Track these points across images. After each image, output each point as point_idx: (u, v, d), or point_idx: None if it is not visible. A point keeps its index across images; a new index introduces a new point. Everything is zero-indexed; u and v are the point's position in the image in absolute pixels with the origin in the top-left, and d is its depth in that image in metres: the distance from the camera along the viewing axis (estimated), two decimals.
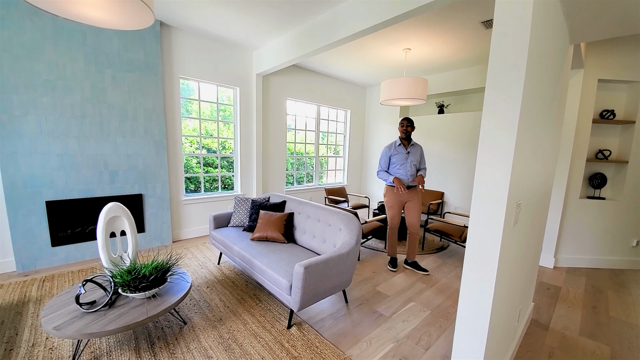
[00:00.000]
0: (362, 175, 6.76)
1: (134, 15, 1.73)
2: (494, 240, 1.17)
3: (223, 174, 4.51)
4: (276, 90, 4.80)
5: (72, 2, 1.57)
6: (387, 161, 3.15)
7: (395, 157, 3.11)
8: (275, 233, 2.59)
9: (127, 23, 1.80)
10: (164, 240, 3.70)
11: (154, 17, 1.73)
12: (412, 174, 3.12)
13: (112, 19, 1.77)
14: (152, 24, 3.33)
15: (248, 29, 3.56)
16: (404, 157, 3.10)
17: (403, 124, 3.10)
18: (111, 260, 1.92)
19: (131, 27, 1.82)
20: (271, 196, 3.22)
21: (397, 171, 3.11)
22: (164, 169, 3.58)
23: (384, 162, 3.18)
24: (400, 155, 3.11)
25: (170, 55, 3.61)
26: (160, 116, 3.50)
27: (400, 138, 3.16)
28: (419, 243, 4.05)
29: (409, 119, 3.11)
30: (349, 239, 2.16)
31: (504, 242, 1.19)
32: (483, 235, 1.21)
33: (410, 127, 3.10)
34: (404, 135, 3.10)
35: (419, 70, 4.98)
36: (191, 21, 3.39)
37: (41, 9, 1.55)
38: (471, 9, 2.91)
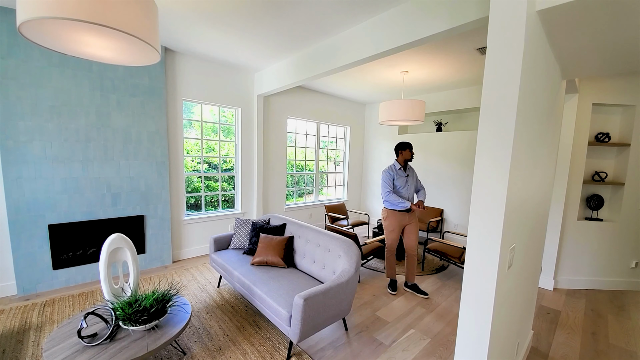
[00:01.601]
0: (361, 191, 6.80)
1: (141, 55, 1.80)
2: (489, 286, 1.19)
3: (224, 192, 4.55)
4: (277, 110, 4.90)
5: (80, 43, 1.65)
6: (391, 183, 3.17)
7: (398, 181, 3.16)
8: (275, 257, 2.61)
9: (134, 61, 1.88)
10: (164, 260, 3.72)
11: (160, 55, 1.80)
12: (412, 196, 3.18)
13: (120, 57, 1.84)
14: None
15: (250, 54, 3.66)
16: (405, 181, 3.16)
17: (411, 150, 3.20)
18: (113, 292, 1.94)
19: (138, 64, 1.90)
20: (271, 218, 3.25)
21: (400, 194, 3.15)
22: (166, 190, 3.63)
23: (388, 183, 3.18)
24: (402, 178, 3.16)
25: (174, 79, 3.70)
26: (163, 138, 3.56)
27: (399, 162, 3.21)
28: (418, 263, 4.06)
29: (412, 145, 3.20)
30: (349, 266, 2.18)
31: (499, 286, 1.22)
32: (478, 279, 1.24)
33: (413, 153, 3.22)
34: (410, 160, 3.19)
35: (416, 90, 5.08)
36: (195, 47, 3.49)
37: (51, 49, 1.62)
38: (466, 37, 3.00)
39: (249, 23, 2.82)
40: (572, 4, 1.13)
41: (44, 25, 1.43)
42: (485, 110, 1.23)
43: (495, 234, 1.17)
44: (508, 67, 1.15)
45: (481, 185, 1.24)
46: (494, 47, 1.19)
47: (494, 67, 1.19)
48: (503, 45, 1.16)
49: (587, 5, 1.14)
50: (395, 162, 3.26)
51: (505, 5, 1.15)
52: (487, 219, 1.20)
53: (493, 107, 1.20)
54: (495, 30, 1.19)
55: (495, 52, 1.18)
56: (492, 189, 1.20)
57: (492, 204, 1.19)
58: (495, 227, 1.17)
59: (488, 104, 1.21)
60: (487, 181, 1.21)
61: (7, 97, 2.68)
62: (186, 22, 2.86)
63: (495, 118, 1.19)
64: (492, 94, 1.20)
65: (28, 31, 1.42)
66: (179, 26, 2.96)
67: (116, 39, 1.65)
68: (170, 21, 2.84)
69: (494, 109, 1.19)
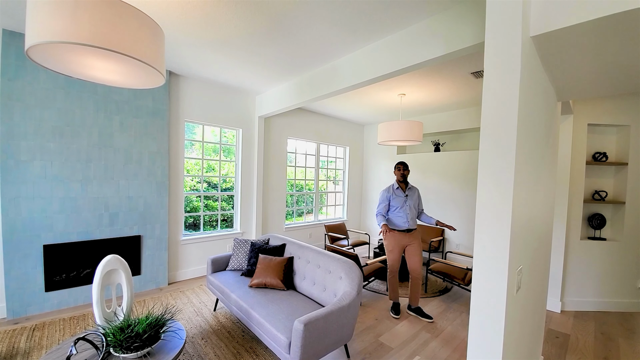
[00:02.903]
0: (361, 211, 6.76)
1: (146, 78, 1.85)
2: (498, 311, 1.15)
3: (223, 211, 4.51)
4: (277, 130, 4.97)
5: (87, 67, 1.69)
6: (386, 205, 3.15)
7: (395, 201, 3.13)
8: (274, 279, 2.55)
9: (140, 84, 1.92)
10: (160, 282, 3.62)
11: (164, 79, 1.84)
12: (412, 217, 3.12)
13: (126, 80, 1.88)
14: None
15: (251, 78, 3.77)
16: (403, 200, 3.12)
17: (400, 169, 3.17)
18: (105, 316, 1.86)
19: (143, 87, 1.94)
20: (271, 238, 3.20)
21: (397, 214, 3.11)
22: (164, 209, 3.59)
23: (382, 205, 3.17)
24: (399, 198, 3.13)
25: (177, 101, 3.78)
26: (164, 158, 3.58)
27: (397, 181, 3.21)
28: (421, 285, 3.95)
29: (404, 164, 3.19)
30: (350, 289, 2.12)
31: (508, 311, 1.18)
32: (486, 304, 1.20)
33: (407, 171, 3.18)
34: (401, 179, 3.17)
35: (414, 111, 5.19)
36: (198, 71, 3.60)
37: (58, 72, 1.66)
38: (461, 62, 3.10)
39: (252, 49, 2.93)
40: (565, 30, 1.18)
41: (51, 49, 1.47)
42: (486, 133, 1.24)
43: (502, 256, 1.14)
44: (505, 90, 1.17)
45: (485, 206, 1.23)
46: (491, 72, 1.22)
47: (492, 91, 1.21)
48: (500, 69, 1.19)
49: (579, 31, 1.19)
50: (395, 181, 3.26)
51: (500, 31, 1.20)
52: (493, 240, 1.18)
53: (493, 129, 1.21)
54: (491, 56, 1.22)
55: (493, 77, 1.21)
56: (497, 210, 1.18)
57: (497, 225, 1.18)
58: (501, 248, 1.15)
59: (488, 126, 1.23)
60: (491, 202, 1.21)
61: (12, 118, 2.72)
62: (191, 48, 2.96)
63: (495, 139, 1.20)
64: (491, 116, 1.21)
65: (36, 54, 1.46)
66: (184, 52, 3.06)
67: (122, 62, 1.69)
68: (176, 47, 2.94)
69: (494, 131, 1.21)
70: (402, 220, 3.09)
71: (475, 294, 1.23)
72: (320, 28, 2.53)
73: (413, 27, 2.42)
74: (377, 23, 2.43)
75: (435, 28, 2.28)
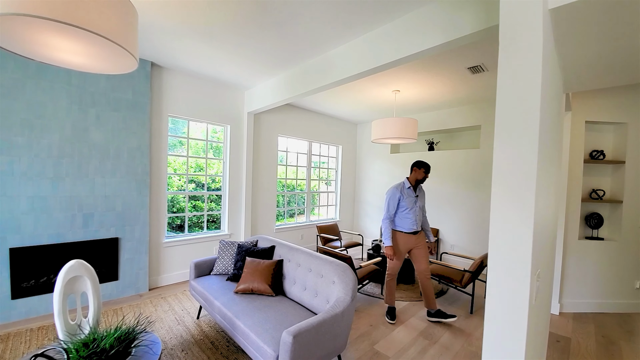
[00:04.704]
0: (354, 211, 6.62)
1: (115, 61, 1.65)
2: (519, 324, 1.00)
3: (210, 212, 4.29)
4: (268, 128, 4.78)
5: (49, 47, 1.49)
6: (395, 204, 2.89)
7: (405, 201, 2.88)
8: (262, 285, 2.36)
9: (110, 68, 1.72)
10: (140, 288, 3.38)
11: (137, 62, 1.65)
12: (420, 218, 2.94)
13: (93, 64, 1.68)
14: (143, 66, 3.32)
15: (239, 71, 3.58)
16: (413, 201, 2.90)
17: (425, 171, 2.89)
18: (67, 329, 1.65)
19: (113, 72, 1.74)
20: (259, 239, 3.01)
21: (406, 216, 2.89)
22: (145, 210, 3.36)
23: (392, 205, 2.88)
24: (410, 199, 2.90)
25: (160, 95, 3.56)
26: (145, 155, 3.35)
27: (410, 181, 2.96)
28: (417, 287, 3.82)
29: (429, 166, 2.93)
30: (344, 295, 1.96)
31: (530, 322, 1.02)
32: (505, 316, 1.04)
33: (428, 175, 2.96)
34: (422, 181, 2.94)
35: (408, 109, 5.08)
36: (183, 62, 3.39)
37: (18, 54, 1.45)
38: (458, 56, 2.99)
39: (239, 38, 2.74)
40: (584, 2, 1.04)
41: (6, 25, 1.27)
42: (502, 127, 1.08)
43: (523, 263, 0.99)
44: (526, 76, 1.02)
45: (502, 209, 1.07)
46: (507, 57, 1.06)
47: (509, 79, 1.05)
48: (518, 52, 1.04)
49: (598, 5, 1.06)
50: (406, 179, 3.01)
51: (518, 5, 1.05)
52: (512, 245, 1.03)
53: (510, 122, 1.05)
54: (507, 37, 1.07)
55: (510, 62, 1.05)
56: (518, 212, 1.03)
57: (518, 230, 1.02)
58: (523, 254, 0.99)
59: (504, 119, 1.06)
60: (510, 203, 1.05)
61: None
62: (173, 35, 2.76)
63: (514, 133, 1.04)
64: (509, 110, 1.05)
65: None
66: (166, 40, 2.86)
67: (90, 43, 1.50)
68: (157, 34, 2.74)
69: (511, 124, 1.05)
70: (410, 222, 2.89)
71: (491, 304, 1.08)
72: (311, 16, 2.36)
73: (409, 14, 2.29)
74: (371, 11, 2.28)
75: (433, 16, 2.15)
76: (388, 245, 2.85)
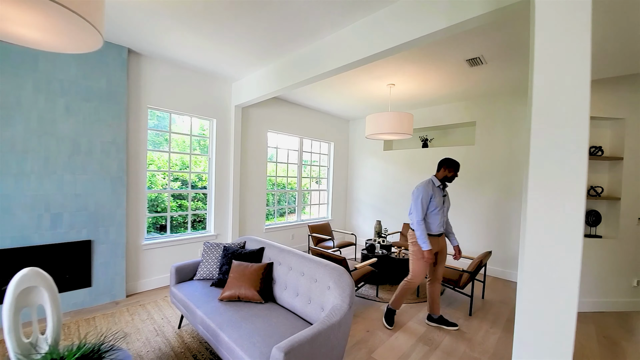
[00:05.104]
0: (347, 209, 6.45)
1: (76, 37, 1.40)
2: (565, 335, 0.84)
3: (196, 212, 4.03)
4: (256, 122, 4.54)
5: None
6: (427, 203, 2.60)
7: (434, 201, 2.62)
8: (249, 291, 2.15)
9: (69, 45, 1.47)
10: (116, 295, 3.10)
11: (102, 39, 1.42)
12: (445, 221, 2.74)
13: (50, 40, 1.43)
14: (119, 52, 3.04)
15: (226, 60, 3.34)
16: (442, 201, 2.67)
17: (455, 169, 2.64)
18: (20, 349, 1.40)
19: (74, 51, 1.49)
20: (247, 241, 2.79)
21: (435, 217, 2.63)
22: (121, 209, 3.09)
23: (425, 204, 2.58)
24: (439, 198, 2.65)
25: (139, 84, 3.28)
26: (121, 149, 3.07)
27: (440, 179, 2.70)
28: None
29: (459, 166, 2.70)
30: (340, 302, 1.77)
31: None
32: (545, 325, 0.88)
33: None
34: (450, 181, 2.69)
35: (402, 105, 4.94)
36: (164, 49, 3.13)
37: None
38: (457, 47, 2.85)
39: (225, 22, 2.51)
40: None
41: None
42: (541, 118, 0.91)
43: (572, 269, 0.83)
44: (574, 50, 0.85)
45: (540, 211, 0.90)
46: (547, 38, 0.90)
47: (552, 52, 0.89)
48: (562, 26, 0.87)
49: None
50: (434, 177, 2.72)
51: None
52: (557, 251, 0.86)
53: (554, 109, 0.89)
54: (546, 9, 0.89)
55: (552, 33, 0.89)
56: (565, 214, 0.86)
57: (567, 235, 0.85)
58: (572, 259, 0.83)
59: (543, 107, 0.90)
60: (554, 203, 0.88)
61: None
62: (152, 18, 2.51)
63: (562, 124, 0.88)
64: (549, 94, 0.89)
65: None
66: (144, 24, 2.60)
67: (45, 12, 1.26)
68: (134, 16, 2.48)
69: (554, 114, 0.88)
70: (437, 224, 2.65)
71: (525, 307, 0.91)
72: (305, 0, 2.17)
73: None
74: None
75: None
76: (428, 249, 2.51)
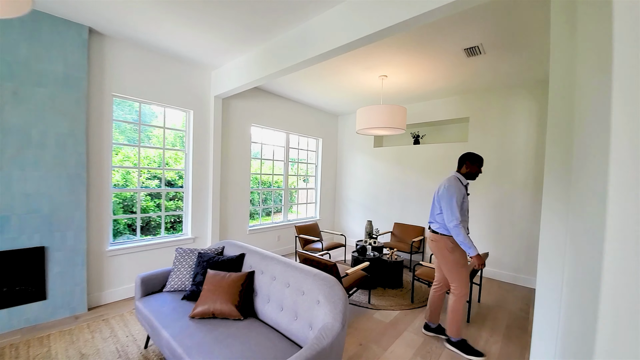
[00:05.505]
0: (335, 209, 6.20)
1: None
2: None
3: (170, 213, 3.67)
4: (239, 116, 4.21)
5: None
6: (461, 203, 2.28)
7: (466, 200, 2.35)
8: (226, 305, 1.85)
9: None
10: (76, 308, 2.73)
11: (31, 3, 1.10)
12: None
13: None
14: (78, 32, 2.65)
15: (203, 45, 3.00)
16: (468, 201, 2.41)
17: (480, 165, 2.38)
18: None
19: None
20: (226, 246, 2.49)
21: (464, 218, 2.33)
22: (81, 211, 2.71)
23: (459, 204, 2.25)
24: (467, 197, 2.38)
25: (102, 69, 2.90)
26: (80, 142, 2.69)
27: (465, 177, 2.42)
28: (407, 292, 3.47)
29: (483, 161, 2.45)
30: (332, 320, 1.51)
31: None
32: None
33: None
34: (473, 179, 2.42)
35: (395, 99, 4.73)
36: (131, 31, 2.77)
37: None
38: (455, 32, 2.63)
39: (202, 2, 2.20)
40: None
41: None
42: None
43: None
44: None
45: None
46: None
47: None
48: None
49: None
50: (458, 174, 2.42)
51: None
52: None
53: None
54: None
55: None
56: None
57: None
58: None
59: None
60: None
61: None
62: None
63: None
64: None
65: None
66: None
67: None
68: None
69: None
70: (466, 227, 2.37)
71: None
72: None
73: None
74: None
75: None
76: (476, 255, 2.23)
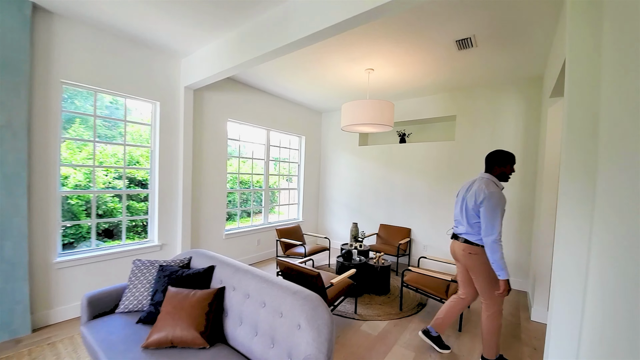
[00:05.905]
0: (319, 210, 5.96)
1: None
2: None
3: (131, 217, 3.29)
4: (214, 109, 3.86)
5: None
6: None
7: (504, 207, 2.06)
8: (188, 331, 1.56)
9: None
10: (17, 330, 2.32)
11: None
12: None
13: None
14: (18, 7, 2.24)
15: (170, 27, 2.66)
16: None
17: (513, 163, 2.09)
18: None
19: None
20: (194, 256, 2.17)
21: None
22: (21, 217, 2.30)
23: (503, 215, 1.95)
24: None
25: (49, 52, 2.49)
26: (19, 137, 2.29)
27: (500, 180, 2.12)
28: (395, 298, 3.27)
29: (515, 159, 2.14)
30: (315, 350, 1.25)
31: None
32: None
33: None
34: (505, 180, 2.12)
35: (381, 95, 4.54)
36: (84, 8, 2.38)
37: None
38: (446, 22, 2.45)
39: None
40: None
41: None
42: None
43: None
44: None
45: None
46: None
47: None
48: None
49: None
50: (492, 177, 2.09)
51: None
52: None
53: None
54: None
55: None
56: None
57: None
58: None
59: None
60: None
61: None
62: None
63: None
64: None
65: None
66: None
67: None
68: None
69: None
70: None
71: None
72: None
73: None
74: None
75: None
76: (506, 279, 1.91)
